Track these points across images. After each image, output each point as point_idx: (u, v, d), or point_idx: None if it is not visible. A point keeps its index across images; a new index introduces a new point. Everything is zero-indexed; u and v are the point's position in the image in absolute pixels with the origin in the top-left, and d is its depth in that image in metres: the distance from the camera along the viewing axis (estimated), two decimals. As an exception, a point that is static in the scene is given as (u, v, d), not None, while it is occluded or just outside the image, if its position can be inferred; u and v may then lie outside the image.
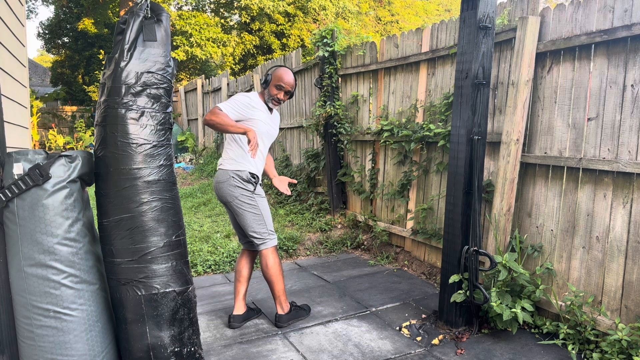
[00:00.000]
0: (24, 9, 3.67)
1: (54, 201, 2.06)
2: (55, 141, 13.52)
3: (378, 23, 22.50)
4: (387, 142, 4.81)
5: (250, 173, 3.21)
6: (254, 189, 3.23)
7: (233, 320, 3.40)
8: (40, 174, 2.04)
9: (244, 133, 2.97)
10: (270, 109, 3.36)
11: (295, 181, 3.57)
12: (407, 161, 4.71)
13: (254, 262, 3.51)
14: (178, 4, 19.01)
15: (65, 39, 21.94)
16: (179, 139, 12.10)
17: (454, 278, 3.18)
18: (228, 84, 9.81)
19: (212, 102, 11.03)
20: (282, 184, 3.46)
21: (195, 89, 12.13)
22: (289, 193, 3.47)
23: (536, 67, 3.39)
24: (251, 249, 3.47)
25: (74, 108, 17.09)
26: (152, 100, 2.18)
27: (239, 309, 3.43)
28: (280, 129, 7.41)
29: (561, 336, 3.04)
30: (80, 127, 15.17)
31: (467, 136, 3.14)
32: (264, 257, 3.27)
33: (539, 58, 3.37)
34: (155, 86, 2.19)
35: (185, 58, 15.68)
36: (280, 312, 3.41)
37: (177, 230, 2.26)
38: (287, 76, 3.28)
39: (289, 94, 3.33)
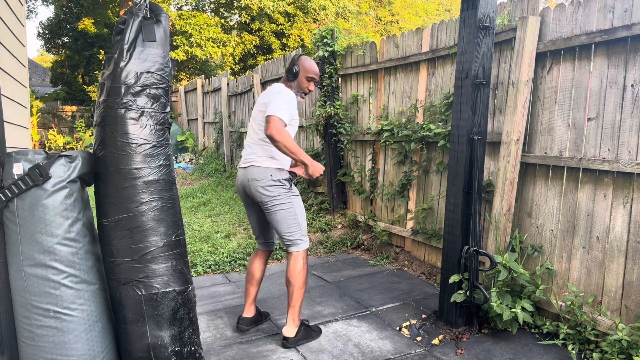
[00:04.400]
0: (24, 9, 3.67)
1: (53, 201, 2.06)
2: (55, 141, 13.53)
3: (378, 23, 22.50)
4: (387, 142, 4.81)
5: (288, 171, 3.08)
6: (290, 187, 3.07)
7: (242, 322, 3.31)
8: (40, 174, 2.04)
9: (307, 165, 2.88)
10: None
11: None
12: (407, 161, 4.70)
13: (266, 263, 3.36)
14: (178, 4, 19.01)
15: (65, 39, 21.94)
16: (179, 139, 12.09)
17: (454, 278, 3.17)
18: (228, 84, 9.80)
19: (212, 102, 11.03)
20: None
21: (195, 89, 12.13)
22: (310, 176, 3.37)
23: (536, 67, 3.39)
24: (267, 249, 3.33)
25: (74, 108, 17.09)
26: (152, 100, 2.18)
27: (249, 312, 3.33)
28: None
29: (561, 336, 3.04)
30: (80, 127, 15.17)
31: (467, 136, 3.14)
32: (294, 259, 3.04)
33: (539, 58, 3.37)
34: (154, 86, 2.19)
35: (185, 58, 15.68)
36: (290, 328, 3.11)
37: (177, 230, 2.26)
38: (315, 66, 3.15)
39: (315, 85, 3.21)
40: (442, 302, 3.38)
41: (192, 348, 2.28)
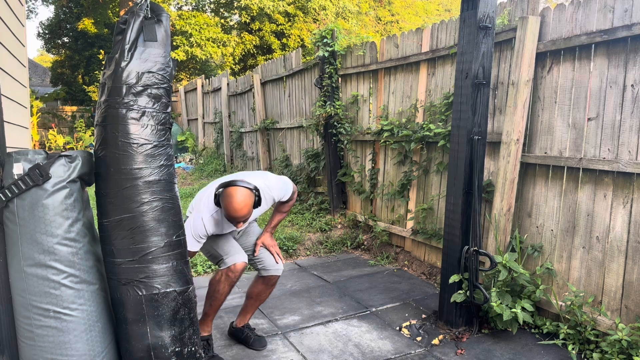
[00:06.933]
0: (24, 9, 3.67)
1: (53, 201, 2.06)
2: (55, 141, 13.53)
3: (378, 23, 22.50)
4: (387, 142, 4.81)
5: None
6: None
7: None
8: (40, 174, 2.04)
9: None
10: None
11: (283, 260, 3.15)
12: (407, 161, 4.71)
13: (261, 281, 3.10)
14: (178, 4, 19.01)
15: (65, 39, 21.94)
16: (179, 139, 12.09)
17: (454, 278, 3.18)
18: (228, 84, 9.80)
19: (212, 102, 11.03)
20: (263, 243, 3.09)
21: (195, 89, 12.13)
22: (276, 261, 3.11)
23: (536, 67, 3.39)
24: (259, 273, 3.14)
25: (74, 108, 17.10)
26: (153, 100, 2.18)
27: (237, 323, 3.24)
28: (280, 129, 7.40)
29: (561, 336, 3.05)
30: (80, 127, 15.18)
31: (467, 136, 3.14)
32: None
33: (539, 58, 3.37)
34: (156, 86, 2.19)
35: (185, 58, 15.67)
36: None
37: (178, 230, 2.26)
38: (233, 212, 2.59)
39: (246, 220, 2.69)
40: (442, 302, 3.38)
41: (193, 348, 2.28)
